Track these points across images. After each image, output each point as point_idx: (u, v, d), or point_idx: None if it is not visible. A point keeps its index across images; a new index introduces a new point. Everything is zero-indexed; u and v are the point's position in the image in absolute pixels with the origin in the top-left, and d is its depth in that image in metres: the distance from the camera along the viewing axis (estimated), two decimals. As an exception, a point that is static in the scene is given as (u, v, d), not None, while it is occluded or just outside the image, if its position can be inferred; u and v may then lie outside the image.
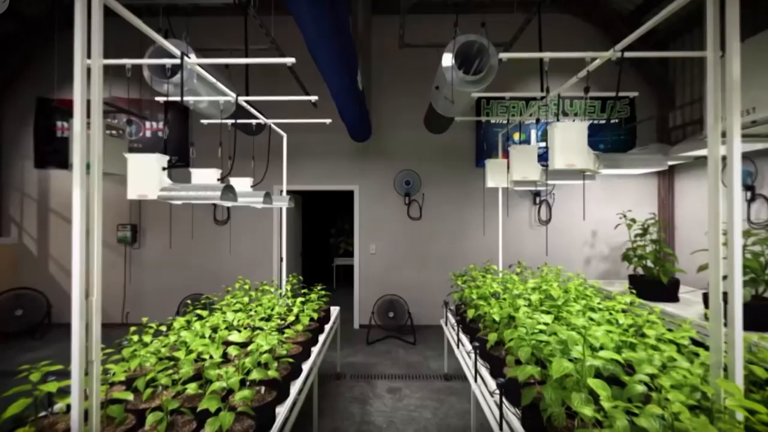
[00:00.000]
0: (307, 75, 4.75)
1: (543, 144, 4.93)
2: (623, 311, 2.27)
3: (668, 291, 3.58)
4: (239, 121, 3.73)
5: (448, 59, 3.30)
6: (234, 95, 2.92)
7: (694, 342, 1.78)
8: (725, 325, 1.32)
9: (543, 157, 3.55)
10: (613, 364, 1.45)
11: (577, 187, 5.68)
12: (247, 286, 3.14)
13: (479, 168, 5.73)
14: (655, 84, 5.49)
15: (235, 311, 2.68)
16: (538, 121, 3.35)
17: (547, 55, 2.58)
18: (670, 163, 4.46)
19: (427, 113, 5.15)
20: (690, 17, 4.73)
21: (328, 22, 2.37)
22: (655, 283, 3.58)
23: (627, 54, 2.32)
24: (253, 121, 3.63)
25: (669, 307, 3.32)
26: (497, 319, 2.35)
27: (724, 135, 1.40)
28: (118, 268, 5.85)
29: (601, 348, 1.54)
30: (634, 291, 3.03)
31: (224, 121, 3.60)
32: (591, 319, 2.07)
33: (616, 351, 1.58)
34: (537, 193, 5.78)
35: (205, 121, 3.94)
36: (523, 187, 4.12)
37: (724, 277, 1.34)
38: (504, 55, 2.63)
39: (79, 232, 1.33)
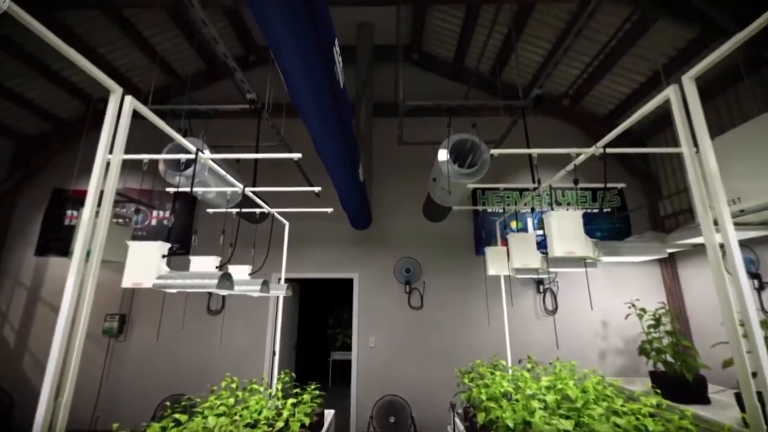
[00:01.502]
0: (311, 167, 5.07)
1: (540, 232, 5.03)
2: (651, 416, 2.03)
3: (696, 390, 3.26)
4: (244, 210, 3.86)
5: (443, 154, 3.56)
6: (241, 186, 3.07)
7: (740, 455, 1.55)
8: (770, 433, 1.17)
9: (542, 245, 3.58)
10: (651, 484, 1.24)
11: (580, 276, 5.60)
12: (234, 385, 2.87)
13: (479, 256, 5.74)
14: (639, 176, 5.83)
15: (218, 415, 2.40)
16: (533, 210, 3.47)
17: (534, 151, 2.79)
18: (669, 250, 4.48)
19: (425, 203, 5.36)
20: (659, 119, 5.25)
21: (335, 126, 2.62)
22: (680, 381, 3.28)
23: (609, 150, 2.51)
24: (257, 210, 3.75)
25: (701, 411, 2.99)
26: (511, 425, 2.10)
27: (716, 223, 1.43)
28: (97, 363, 5.43)
29: (634, 463, 1.33)
30: (658, 390, 2.76)
31: (229, 210, 3.73)
32: (616, 425, 1.84)
33: (652, 467, 1.37)
34: (540, 282, 5.68)
35: (210, 210, 4.07)
36: (525, 275, 4.06)
37: (754, 375, 1.23)
38: (495, 152, 2.85)
39: (64, 321, 1.27)
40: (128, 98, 1.75)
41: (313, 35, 1.75)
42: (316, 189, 3.70)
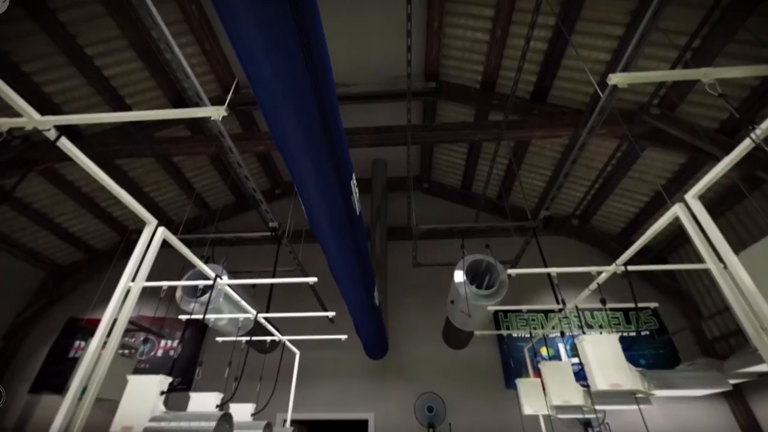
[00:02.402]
0: (326, 291, 5.02)
1: (576, 360, 4.53)
2: None
3: None
4: (254, 338, 3.69)
5: (459, 275, 3.51)
6: (254, 312, 3.01)
7: None
8: None
9: (581, 376, 3.17)
10: None
11: (632, 414, 4.77)
12: None
13: (511, 389, 5.07)
14: (670, 294, 5.50)
15: None
16: (562, 334, 3.20)
17: (554, 270, 2.73)
18: (732, 381, 3.88)
19: (444, 327, 5.05)
20: (675, 236, 5.22)
21: (350, 250, 2.70)
22: None
23: (630, 267, 2.44)
24: (268, 338, 3.59)
25: None
26: None
27: (777, 347, 1.26)
28: None
29: None
30: None
31: (239, 338, 3.57)
32: None
33: None
34: (588, 424, 4.82)
35: (220, 339, 3.90)
36: (567, 414, 3.49)
37: None
38: (512, 271, 2.80)
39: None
40: (161, 229, 1.88)
41: (333, 172, 1.96)
42: (330, 314, 3.58)
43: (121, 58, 4.28)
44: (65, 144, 1.50)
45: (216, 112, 1.71)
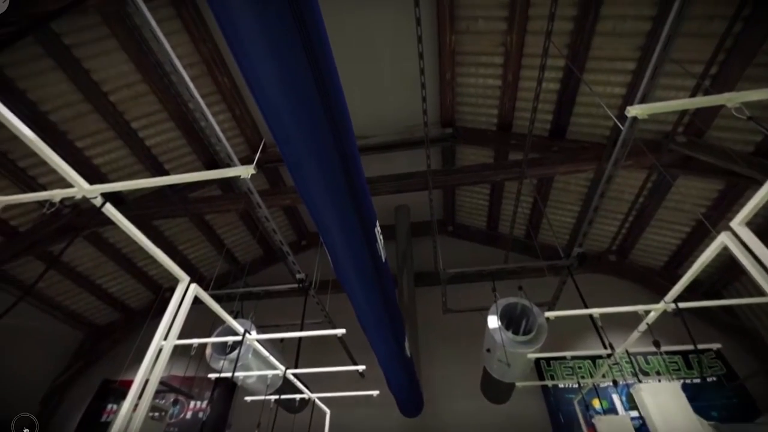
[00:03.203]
0: (355, 344, 4.85)
1: (635, 413, 4.05)
2: None
3: None
4: (283, 396, 3.56)
5: (493, 321, 3.33)
6: (283, 368, 2.93)
7: None
8: None
9: None
10: None
11: (712, 477, 4.11)
12: None
13: (563, 449, 4.55)
14: (732, 333, 4.95)
15: None
16: (615, 383, 2.90)
17: (596, 311, 2.55)
18: (828, 434, 3.32)
19: (483, 379, 4.70)
20: (727, 267, 4.79)
21: (378, 298, 2.64)
22: None
23: (682, 304, 2.24)
24: (297, 396, 3.45)
25: None
26: None
27: None
28: None
29: None
30: None
31: (268, 397, 3.46)
32: None
33: None
34: (658, 489, 4.18)
35: (249, 398, 3.79)
36: (634, 479, 3.05)
37: None
38: (550, 314, 2.64)
39: None
40: (193, 286, 1.92)
41: (357, 220, 1.98)
42: (360, 368, 3.44)
43: (162, 129, 4.71)
44: (109, 209, 1.61)
45: (245, 171, 1.81)
